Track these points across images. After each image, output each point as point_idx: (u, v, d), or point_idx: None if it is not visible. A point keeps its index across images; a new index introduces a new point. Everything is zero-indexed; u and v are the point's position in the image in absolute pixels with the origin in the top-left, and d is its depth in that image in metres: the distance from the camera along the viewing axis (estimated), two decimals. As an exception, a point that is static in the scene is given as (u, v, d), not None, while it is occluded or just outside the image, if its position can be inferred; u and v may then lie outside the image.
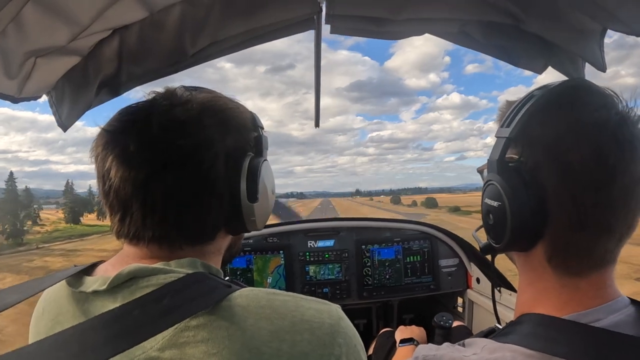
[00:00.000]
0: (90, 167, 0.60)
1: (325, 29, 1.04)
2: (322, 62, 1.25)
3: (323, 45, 1.20)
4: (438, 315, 1.45)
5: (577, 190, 0.51)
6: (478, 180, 0.69)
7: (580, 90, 0.56)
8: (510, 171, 0.56)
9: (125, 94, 0.95)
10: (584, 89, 0.56)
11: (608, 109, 0.52)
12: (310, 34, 1.08)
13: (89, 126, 0.62)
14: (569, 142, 0.52)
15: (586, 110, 0.53)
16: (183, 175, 0.55)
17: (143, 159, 0.54)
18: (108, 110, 0.63)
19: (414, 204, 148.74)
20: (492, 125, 0.66)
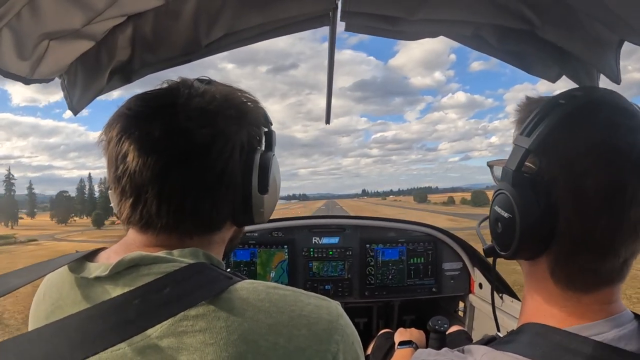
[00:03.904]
0: (93, 172, 0.59)
1: (339, 26, 1.03)
2: (326, 62, 1.24)
3: (327, 45, 1.19)
4: (433, 318, 1.44)
5: (589, 215, 0.50)
6: (483, 181, 0.68)
7: (607, 107, 0.54)
8: (524, 184, 0.54)
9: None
10: (611, 105, 0.54)
11: (635, 133, 0.50)
12: (314, 33, 1.07)
13: (91, 131, 0.62)
14: (587, 165, 0.50)
15: (611, 131, 0.51)
16: (202, 165, 0.55)
17: (166, 145, 0.54)
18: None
19: (451, 201, 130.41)
20: (498, 125, 0.64)
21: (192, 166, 0.55)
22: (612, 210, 0.49)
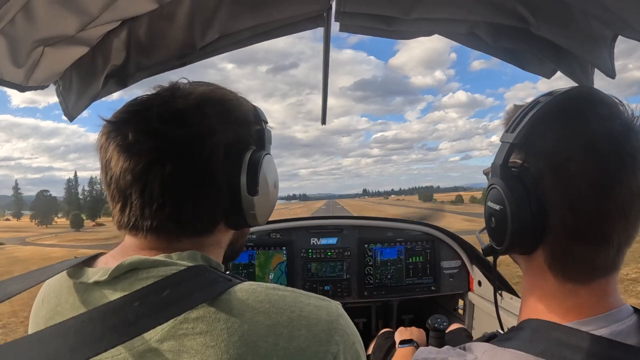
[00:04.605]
0: (96, 173, 0.60)
1: (334, 26, 1.03)
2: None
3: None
4: (432, 317, 1.44)
5: (576, 201, 0.51)
6: (484, 180, 0.70)
7: (586, 100, 0.56)
8: (512, 177, 0.57)
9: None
10: (589, 99, 0.56)
11: (612, 120, 0.52)
12: (314, 32, 1.08)
13: (92, 132, 0.63)
14: (570, 152, 0.52)
15: (590, 120, 0.53)
16: (181, 166, 0.55)
17: (142, 148, 0.55)
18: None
19: (459, 200, 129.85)
20: (498, 124, 0.66)
21: (170, 167, 0.55)
22: (598, 194, 0.51)
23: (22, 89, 0.74)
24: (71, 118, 0.86)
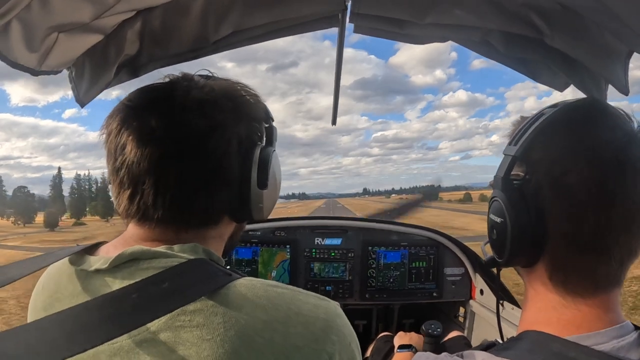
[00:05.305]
0: (82, 171, 0.59)
1: (348, 28, 1.03)
2: (326, 60, 1.25)
3: (327, 43, 1.20)
4: (426, 323, 1.44)
5: (576, 213, 0.51)
6: (483, 180, 0.68)
7: (590, 111, 0.56)
8: (513, 189, 0.56)
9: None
10: (594, 109, 0.56)
11: (615, 130, 0.52)
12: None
13: (91, 131, 0.63)
14: (568, 163, 0.52)
15: (592, 130, 0.53)
16: (198, 157, 0.56)
17: (163, 137, 0.55)
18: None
19: (468, 198, 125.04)
20: (499, 123, 0.66)
21: (188, 158, 0.55)
22: (598, 205, 0.50)
23: (35, 72, 0.74)
24: (82, 104, 0.87)
